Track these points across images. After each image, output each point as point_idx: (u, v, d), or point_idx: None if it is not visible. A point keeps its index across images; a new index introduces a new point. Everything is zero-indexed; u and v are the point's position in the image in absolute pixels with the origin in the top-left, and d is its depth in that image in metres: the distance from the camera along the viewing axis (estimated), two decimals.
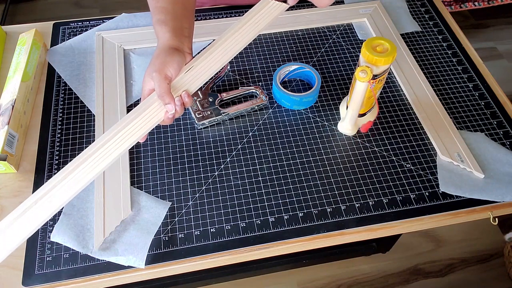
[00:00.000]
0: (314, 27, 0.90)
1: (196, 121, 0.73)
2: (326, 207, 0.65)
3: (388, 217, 0.64)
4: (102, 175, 0.66)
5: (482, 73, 0.83)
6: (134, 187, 0.66)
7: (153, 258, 0.60)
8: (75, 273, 0.58)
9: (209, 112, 0.73)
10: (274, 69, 0.82)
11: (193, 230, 0.63)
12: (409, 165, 0.70)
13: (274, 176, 0.68)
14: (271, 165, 0.69)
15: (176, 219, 0.64)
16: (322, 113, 0.76)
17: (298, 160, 0.70)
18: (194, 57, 0.61)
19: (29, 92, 0.75)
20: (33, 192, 0.65)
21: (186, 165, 0.69)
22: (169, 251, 0.61)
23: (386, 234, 0.65)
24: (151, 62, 0.58)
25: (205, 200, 0.65)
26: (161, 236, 0.62)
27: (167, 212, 0.64)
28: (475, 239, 1.38)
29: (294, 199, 0.66)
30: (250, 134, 0.73)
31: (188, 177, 0.68)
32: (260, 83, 0.80)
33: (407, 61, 0.83)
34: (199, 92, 0.76)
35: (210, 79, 0.79)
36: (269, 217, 0.64)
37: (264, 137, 0.73)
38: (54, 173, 0.67)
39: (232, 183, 0.67)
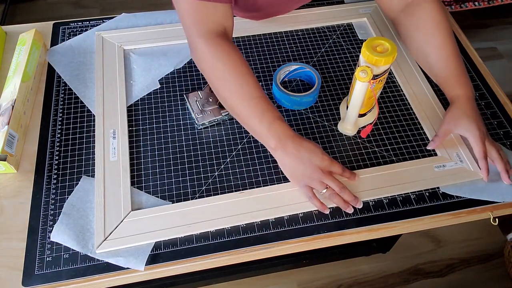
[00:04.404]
0: (314, 27, 0.90)
1: (196, 121, 0.73)
2: None
3: (388, 217, 0.64)
4: (103, 175, 0.66)
5: (482, 73, 0.83)
6: (134, 187, 0.66)
7: (153, 258, 0.60)
8: (75, 273, 0.58)
9: (209, 112, 0.73)
10: (274, 69, 0.82)
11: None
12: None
13: (274, 177, 0.68)
14: (271, 165, 0.69)
15: None
16: (322, 113, 0.76)
17: None
18: None
19: (29, 92, 0.75)
20: (32, 192, 0.65)
21: (186, 165, 0.69)
22: (169, 251, 0.61)
23: (386, 234, 0.65)
24: None
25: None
26: None
27: None
28: (475, 239, 1.38)
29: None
30: (250, 134, 0.73)
31: (188, 177, 0.68)
32: (260, 83, 0.80)
33: (407, 61, 0.83)
34: (199, 92, 0.76)
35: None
36: (269, 217, 0.64)
37: None
38: (54, 173, 0.67)
39: (232, 183, 0.67)
